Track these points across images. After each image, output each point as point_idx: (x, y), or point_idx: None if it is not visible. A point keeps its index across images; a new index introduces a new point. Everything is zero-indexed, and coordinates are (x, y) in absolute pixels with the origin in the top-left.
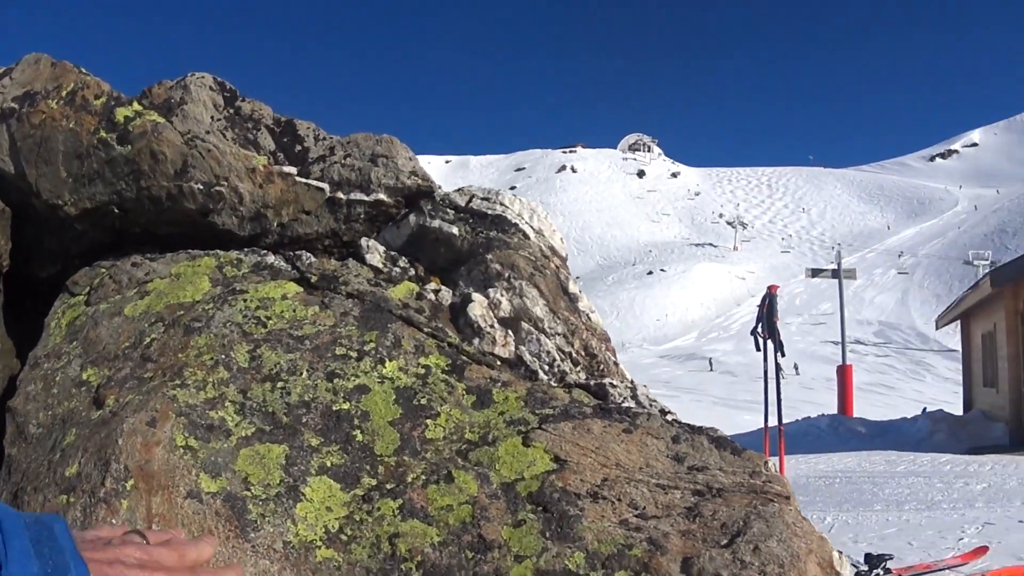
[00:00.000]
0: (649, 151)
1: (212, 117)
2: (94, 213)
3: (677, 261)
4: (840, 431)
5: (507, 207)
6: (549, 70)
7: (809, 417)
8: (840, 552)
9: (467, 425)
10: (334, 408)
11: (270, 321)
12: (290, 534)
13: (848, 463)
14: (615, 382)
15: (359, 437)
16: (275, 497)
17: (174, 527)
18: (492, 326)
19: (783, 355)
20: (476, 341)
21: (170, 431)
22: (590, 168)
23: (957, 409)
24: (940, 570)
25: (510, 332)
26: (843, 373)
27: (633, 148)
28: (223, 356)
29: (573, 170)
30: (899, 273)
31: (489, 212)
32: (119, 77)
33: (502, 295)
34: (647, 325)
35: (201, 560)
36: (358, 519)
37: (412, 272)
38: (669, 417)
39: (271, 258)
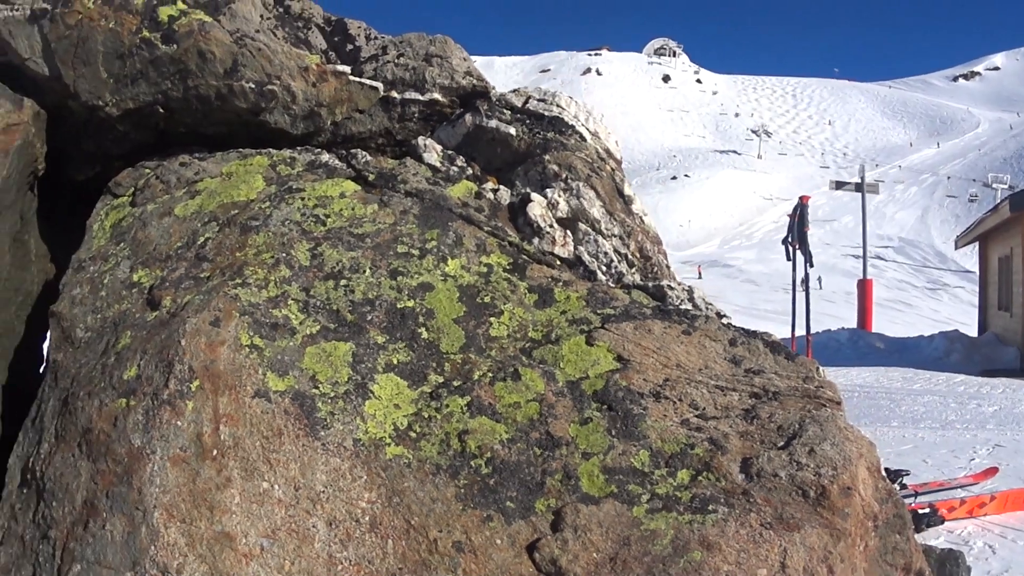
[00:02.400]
0: (675, 56)
1: (261, 16)
2: (137, 113)
3: (701, 167)
4: (860, 345)
5: (564, 108)
6: None
7: (830, 330)
8: None
9: (530, 323)
10: (398, 306)
11: (329, 219)
12: (359, 432)
13: (867, 378)
14: (672, 284)
15: (424, 335)
16: (343, 395)
17: (242, 426)
18: (551, 226)
19: (811, 265)
20: (536, 241)
21: (234, 330)
22: (615, 71)
23: (972, 330)
24: (951, 488)
25: (568, 232)
26: (863, 287)
27: (659, 53)
28: (283, 254)
29: (598, 73)
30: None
31: (546, 113)
32: None
33: (560, 196)
34: (670, 230)
35: None
36: (426, 416)
37: (469, 171)
38: (725, 320)
39: (325, 156)
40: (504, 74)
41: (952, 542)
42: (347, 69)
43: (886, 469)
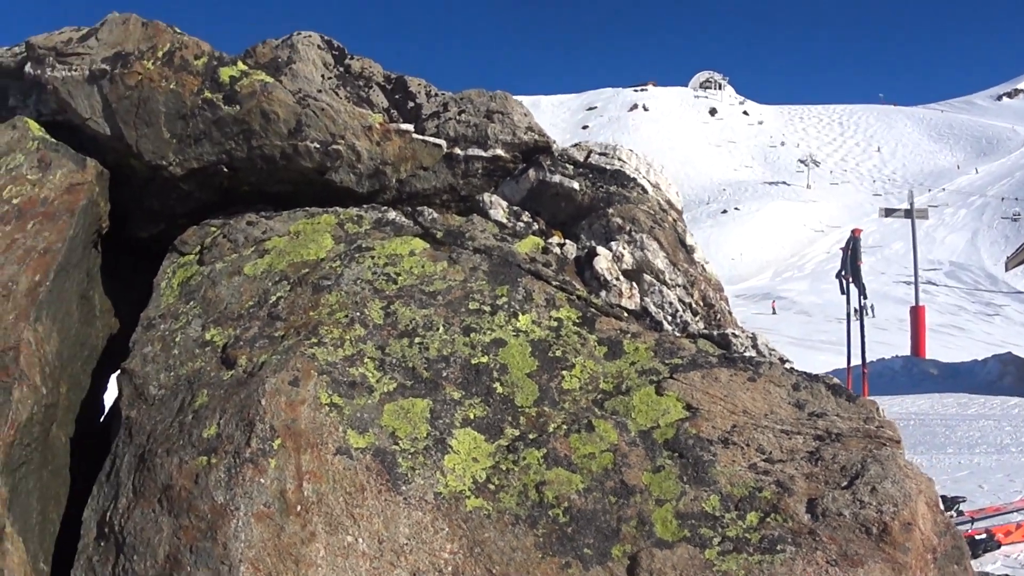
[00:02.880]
0: (720, 89)
1: (322, 76)
2: (201, 173)
3: (750, 200)
4: (913, 373)
5: (625, 162)
6: (619, 4)
7: (883, 359)
8: None
9: (601, 375)
10: (472, 362)
11: (400, 277)
12: (440, 485)
13: (921, 405)
14: (736, 332)
15: (499, 389)
16: (423, 450)
17: (325, 482)
18: (617, 279)
19: (866, 297)
20: (603, 293)
21: (313, 389)
22: (662, 106)
23: None
24: (1008, 512)
25: (633, 284)
26: (916, 314)
27: (704, 86)
28: (357, 313)
29: (645, 108)
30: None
31: (608, 167)
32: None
33: (624, 248)
34: (722, 264)
35: None
36: (504, 468)
37: (535, 226)
38: (788, 365)
39: (392, 214)
40: (551, 113)
41: (1009, 566)
42: (410, 127)
43: (943, 497)
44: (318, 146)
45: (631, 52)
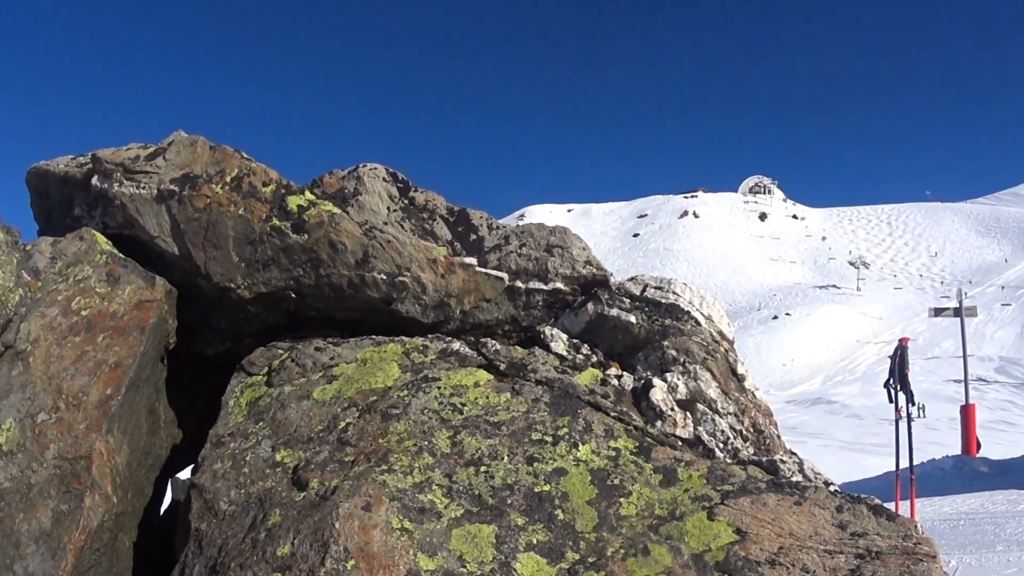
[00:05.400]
0: (770, 193)
1: (388, 208)
2: (269, 297)
3: (801, 304)
4: (964, 472)
5: (679, 296)
6: (669, 113)
7: (934, 459)
8: None
9: (656, 502)
10: (535, 490)
11: (465, 408)
12: None
13: (971, 504)
14: (784, 458)
15: (560, 516)
16: (489, 572)
17: None
18: (672, 409)
19: (914, 404)
20: (659, 423)
21: (385, 515)
22: (712, 212)
23: None
24: None
25: (688, 414)
26: (966, 413)
27: (753, 191)
28: (425, 442)
29: (695, 215)
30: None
31: (663, 301)
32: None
33: (679, 379)
34: (773, 370)
35: None
36: None
37: (594, 359)
38: (832, 488)
39: (456, 344)
40: (602, 221)
41: None
42: (474, 261)
43: None
44: (384, 277)
45: (681, 159)
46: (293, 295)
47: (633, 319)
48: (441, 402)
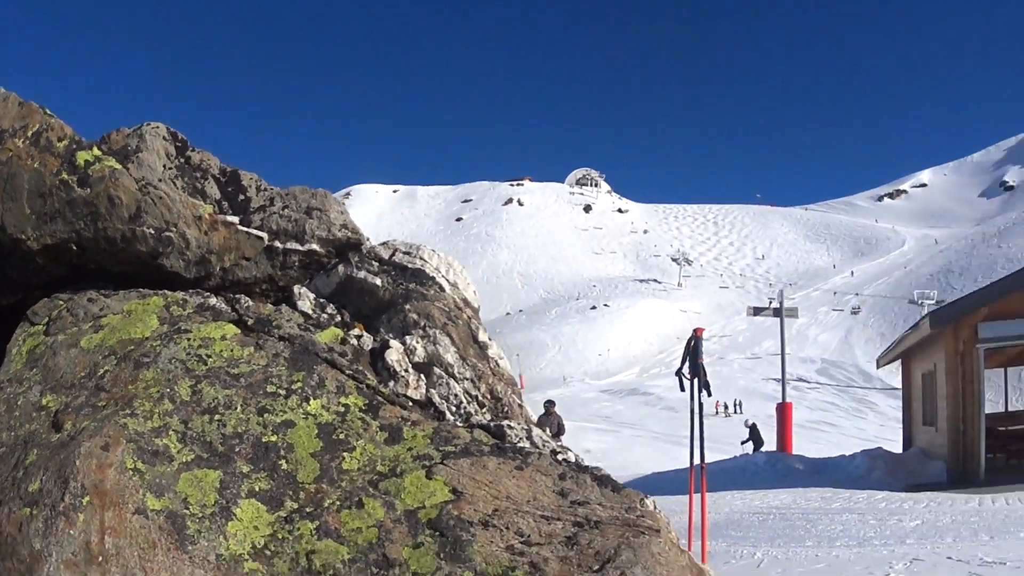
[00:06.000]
0: (596, 186)
1: (164, 165)
2: (54, 249)
3: (621, 296)
4: (778, 468)
5: (426, 261)
6: (497, 100)
7: (747, 454)
8: None
9: (379, 458)
10: (263, 440)
11: (210, 359)
12: (222, 548)
13: (784, 499)
14: (512, 424)
15: (284, 466)
16: (210, 516)
17: (123, 538)
18: (407, 370)
19: (709, 395)
20: (391, 383)
21: (121, 455)
22: (536, 202)
23: (898, 447)
24: None
25: (422, 376)
26: (782, 411)
27: (580, 183)
28: (168, 390)
29: (520, 203)
30: (851, 312)
31: (409, 265)
32: (70, 116)
33: (417, 342)
34: (589, 360)
35: None
36: (280, 537)
37: (339, 318)
38: (560, 457)
39: (213, 300)
40: (426, 203)
41: None
42: (236, 219)
43: None
44: (153, 232)
45: (509, 147)
46: (75, 247)
47: (379, 282)
48: (189, 353)
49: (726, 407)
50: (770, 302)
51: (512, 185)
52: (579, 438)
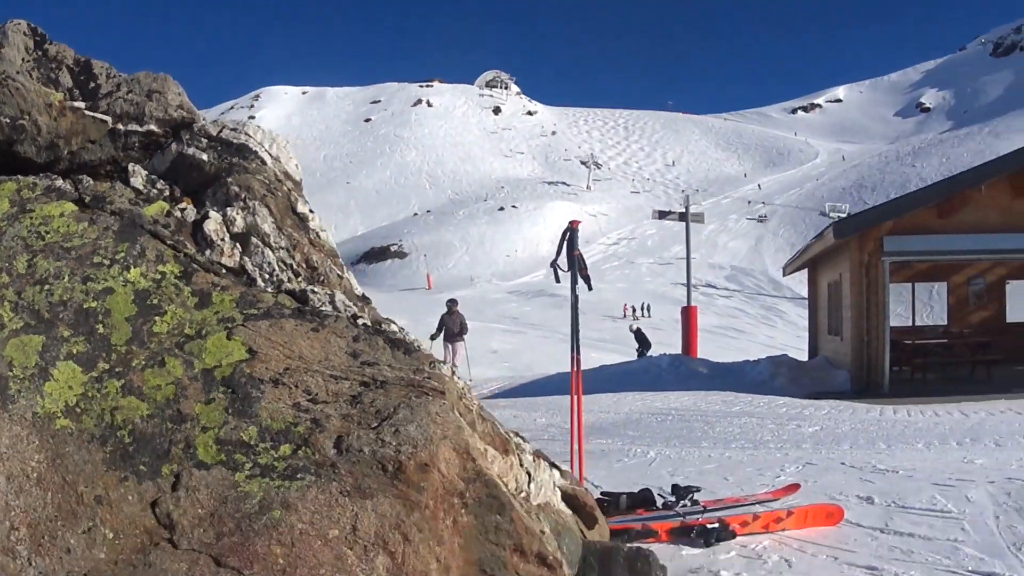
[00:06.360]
0: (506, 88)
1: (23, 59)
2: None
3: (529, 199)
4: (681, 371)
5: (250, 136)
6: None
7: (651, 356)
8: (515, 444)
9: (188, 322)
10: (84, 306)
11: (48, 235)
12: (38, 407)
13: (684, 402)
14: (316, 289)
15: (101, 330)
16: (30, 377)
17: None
18: (223, 239)
19: (589, 288)
20: (208, 252)
21: None
22: (446, 103)
23: (805, 356)
24: (749, 504)
25: (238, 245)
26: (687, 314)
27: (490, 85)
28: (6, 264)
29: (429, 104)
30: (758, 220)
31: (235, 141)
32: None
33: (237, 213)
34: (496, 260)
35: None
36: (90, 396)
37: (167, 193)
38: (360, 321)
39: (60, 182)
40: (335, 105)
41: (745, 555)
42: (83, 105)
43: (674, 486)
44: (8, 120)
45: (418, 48)
46: None
47: (206, 157)
48: (30, 230)
49: (634, 310)
50: (678, 208)
51: (421, 87)
52: (486, 338)
